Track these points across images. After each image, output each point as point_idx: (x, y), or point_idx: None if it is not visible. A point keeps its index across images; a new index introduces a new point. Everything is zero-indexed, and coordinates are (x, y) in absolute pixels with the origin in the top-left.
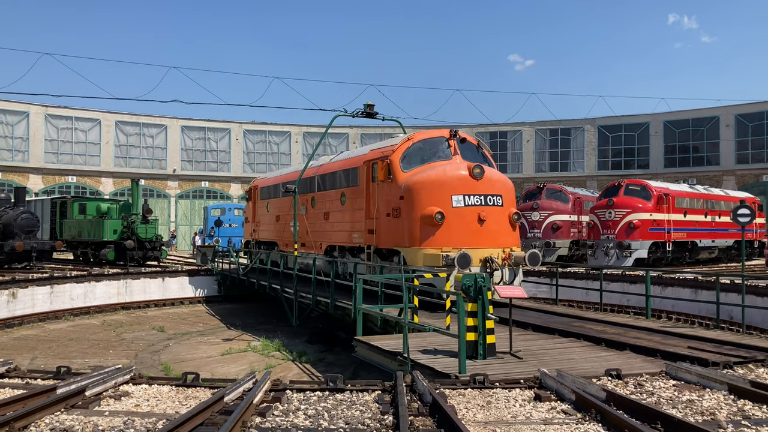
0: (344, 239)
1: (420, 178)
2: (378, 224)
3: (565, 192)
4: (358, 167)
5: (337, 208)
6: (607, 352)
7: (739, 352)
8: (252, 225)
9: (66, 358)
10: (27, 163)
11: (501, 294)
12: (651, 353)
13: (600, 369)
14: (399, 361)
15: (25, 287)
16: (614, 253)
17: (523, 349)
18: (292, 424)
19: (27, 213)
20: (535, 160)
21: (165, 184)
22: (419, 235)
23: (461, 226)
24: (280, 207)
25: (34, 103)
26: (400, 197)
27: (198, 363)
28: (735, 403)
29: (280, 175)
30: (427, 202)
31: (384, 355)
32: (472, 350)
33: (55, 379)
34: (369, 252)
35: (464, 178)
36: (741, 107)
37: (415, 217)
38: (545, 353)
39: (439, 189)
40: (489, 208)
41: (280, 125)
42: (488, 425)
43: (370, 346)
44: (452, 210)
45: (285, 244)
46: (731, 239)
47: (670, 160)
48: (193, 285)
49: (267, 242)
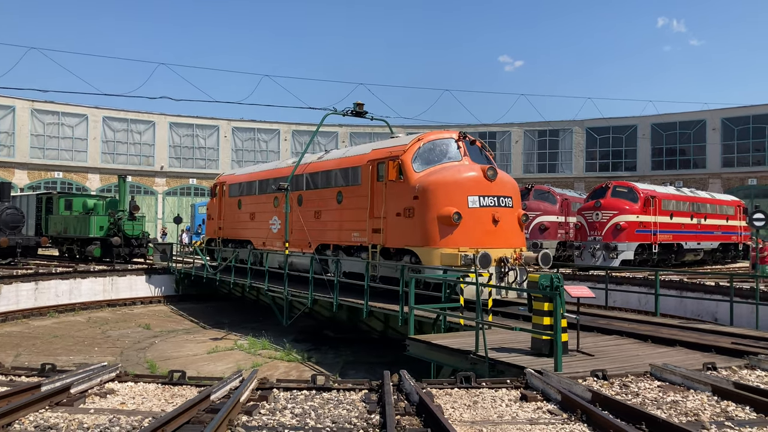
0: (340, 238)
1: (435, 179)
2: (386, 223)
3: (553, 193)
4: (361, 166)
5: (333, 206)
6: (661, 348)
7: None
8: (217, 222)
9: (51, 356)
10: (12, 158)
11: (571, 294)
12: (700, 348)
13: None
14: (471, 359)
15: (9, 283)
16: (601, 254)
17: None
18: (278, 423)
19: (12, 208)
20: (523, 161)
21: (152, 181)
22: (436, 235)
23: (477, 227)
24: (256, 205)
25: (21, 97)
26: (414, 197)
27: (184, 361)
28: (719, 404)
29: (255, 171)
30: (444, 203)
31: (451, 353)
32: (547, 348)
33: (39, 376)
34: (374, 251)
35: (479, 180)
36: (727, 111)
37: (432, 217)
38: (602, 350)
39: (455, 190)
40: (502, 209)
41: (269, 123)
42: (475, 425)
43: (430, 344)
44: (468, 210)
45: (262, 242)
46: (716, 242)
47: (658, 162)
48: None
49: (237, 240)
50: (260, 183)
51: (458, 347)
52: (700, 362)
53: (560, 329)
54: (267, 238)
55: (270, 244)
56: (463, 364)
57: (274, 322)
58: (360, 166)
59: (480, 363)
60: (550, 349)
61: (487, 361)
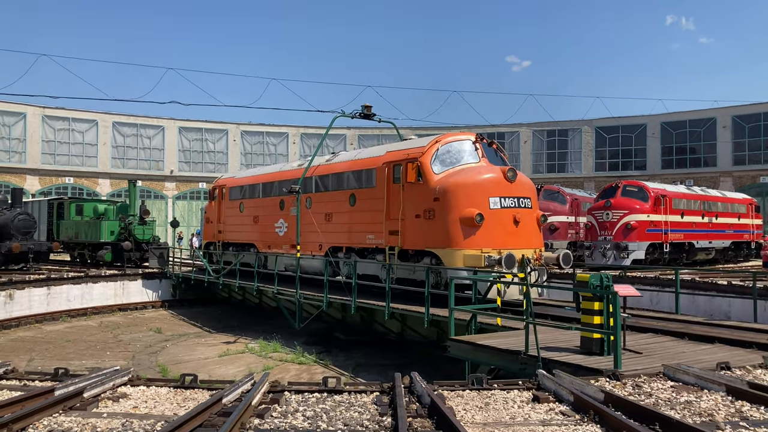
0: (354, 240)
1: (456, 180)
2: (404, 225)
3: (563, 193)
4: (375, 169)
5: (345, 209)
6: (703, 345)
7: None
8: (217, 225)
9: (63, 360)
10: (24, 164)
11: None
12: (741, 345)
13: (711, 361)
14: (522, 359)
15: (22, 288)
16: (611, 254)
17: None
18: (290, 426)
19: (24, 214)
20: (532, 162)
21: (162, 186)
22: (458, 236)
23: (499, 228)
24: (260, 208)
25: (32, 104)
26: (435, 199)
27: (195, 364)
28: (733, 404)
29: (258, 174)
30: (466, 204)
31: (499, 354)
32: (598, 347)
33: (53, 380)
34: (391, 253)
35: (499, 181)
36: (738, 108)
37: (454, 219)
38: (646, 347)
39: (476, 191)
40: (522, 210)
41: (278, 126)
42: (487, 426)
43: (476, 345)
44: (490, 212)
45: (267, 245)
46: (728, 240)
47: (668, 161)
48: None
49: (239, 244)
50: (264, 186)
51: (506, 347)
52: (747, 359)
53: (619, 327)
54: (272, 241)
55: (276, 247)
56: (513, 364)
57: (284, 324)
58: (374, 168)
59: (531, 363)
60: (600, 348)
61: (540, 360)
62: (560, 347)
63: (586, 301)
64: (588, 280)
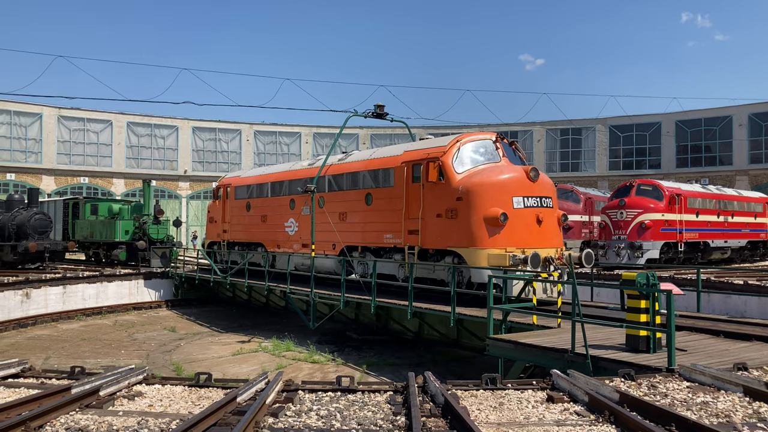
0: (370, 240)
1: (480, 180)
2: (424, 225)
3: (576, 192)
4: (393, 168)
5: (361, 208)
6: (742, 343)
7: None
8: (221, 225)
9: (79, 358)
10: (40, 164)
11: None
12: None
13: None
14: (568, 357)
15: (38, 287)
16: (626, 253)
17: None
18: (304, 425)
19: (40, 214)
20: (545, 160)
21: (176, 185)
22: (483, 236)
23: (522, 227)
24: (269, 207)
25: (47, 104)
26: (458, 198)
27: (209, 363)
28: (750, 405)
29: (267, 173)
30: (490, 204)
31: (543, 352)
32: (645, 344)
33: (69, 379)
34: (411, 252)
35: (523, 180)
36: (754, 106)
37: (478, 218)
38: (688, 345)
39: (500, 190)
40: (544, 210)
41: (291, 126)
42: (501, 426)
43: (517, 344)
44: (513, 211)
45: (276, 245)
46: (744, 239)
47: (683, 160)
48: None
49: (245, 243)
50: (273, 185)
51: (549, 345)
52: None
53: (674, 326)
54: (282, 241)
55: (286, 246)
56: (558, 362)
57: (295, 323)
58: (392, 168)
59: (577, 360)
60: (647, 345)
61: (589, 358)
62: (603, 345)
63: (632, 299)
64: (635, 278)
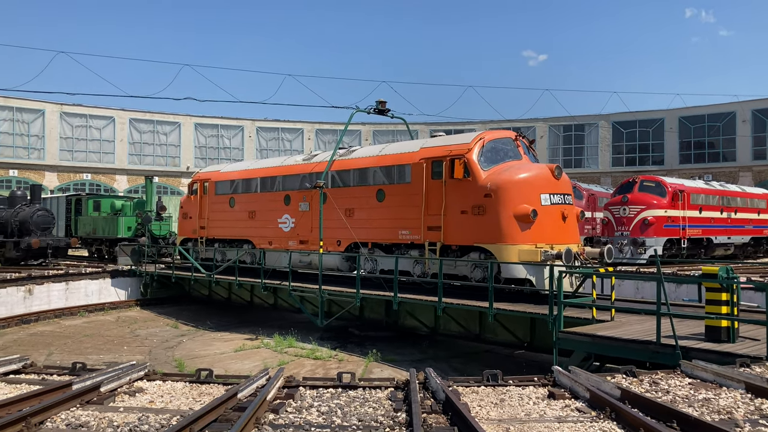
0: (381, 236)
1: (509, 177)
2: (446, 221)
3: (579, 188)
4: (411, 165)
5: (371, 204)
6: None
7: None
8: (198, 221)
9: (81, 354)
10: (43, 160)
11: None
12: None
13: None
14: (654, 348)
15: (41, 284)
16: (628, 249)
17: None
18: (305, 421)
19: (43, 210)
20: (548, 156)
21: (179, 181)
22: (514, 232)
23: (549, 223)
24: (259, 202)
25: (50, 101)
26: (486, 195)
27: (211, 359)
28: (752, 402)
29: (253, 168)
30: (520, 200)
31: (625, 344)
32: (726, 335)
33: (70, 375)
34: (432, 248)
35: (549, 178)
36: (758, 102)
37: (508, 215)
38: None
39: (529, 188)
40: (568, 206)
41: (293, 122)
42: (502, 423)
43: (595, 336)
44: (541, 208)
45: (268, 241)
46: (747, 236)
47: (686, 156)
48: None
49: (228, 240)
50: (263, 180)
51: (631, 338)
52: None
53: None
54: (275, 237)
55: (279, 243)
56: (642, 354)
57: (297, 320)
58: (409, 164)
59: (663, 351)
60: (728, 336)
61: (678, 349)
62: (682, 335)
63: (712, 293)
64: (717, 272)
